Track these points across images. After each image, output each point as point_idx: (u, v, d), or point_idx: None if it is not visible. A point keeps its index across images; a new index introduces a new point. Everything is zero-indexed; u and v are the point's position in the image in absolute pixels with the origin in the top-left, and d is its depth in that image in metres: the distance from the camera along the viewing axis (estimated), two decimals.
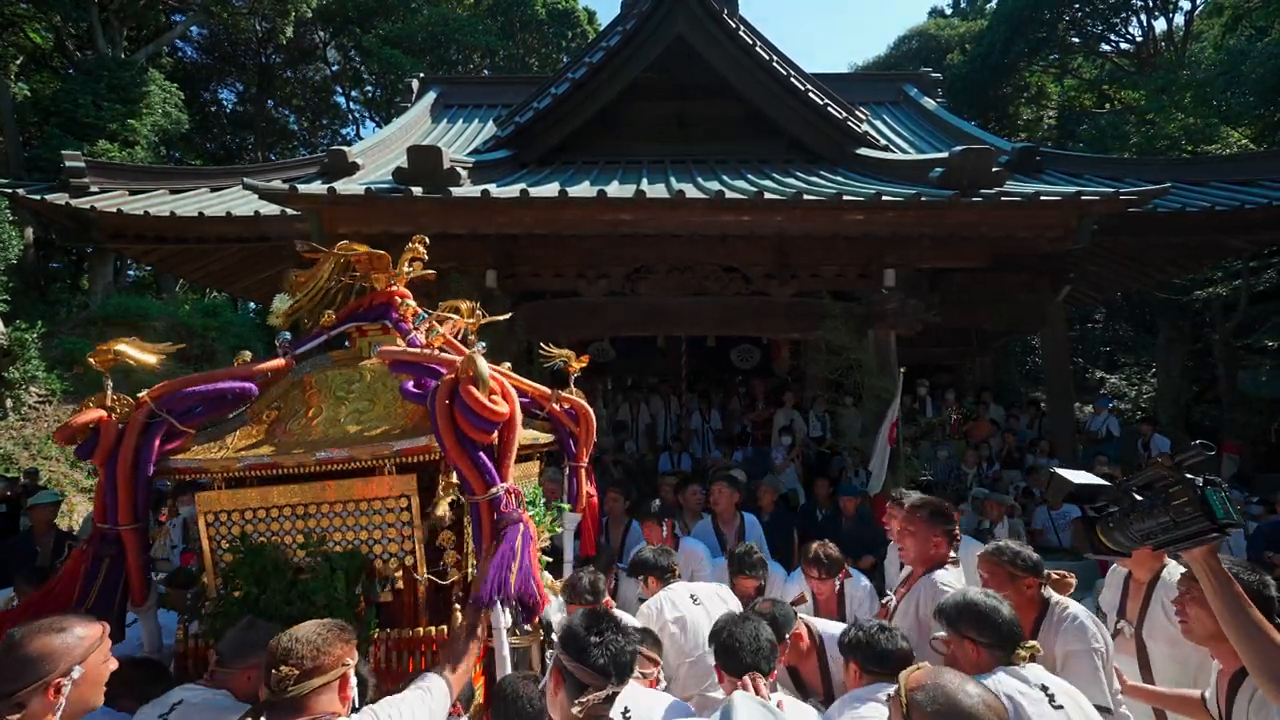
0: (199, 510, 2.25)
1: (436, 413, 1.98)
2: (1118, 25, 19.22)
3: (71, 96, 14.25)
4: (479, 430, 1.98)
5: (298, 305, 2.53)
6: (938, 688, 1.41)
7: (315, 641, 1.56)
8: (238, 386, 2.29)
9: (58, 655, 1.48)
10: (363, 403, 2.35)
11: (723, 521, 4.40)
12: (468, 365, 2.00)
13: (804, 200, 5.15)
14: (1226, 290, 12.23)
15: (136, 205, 6.97)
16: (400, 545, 2.18)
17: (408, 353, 2.22)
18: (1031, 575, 2.30)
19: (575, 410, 3.04)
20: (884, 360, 6.06)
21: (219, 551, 2.22)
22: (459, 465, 2.00)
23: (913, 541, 2.69)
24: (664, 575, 3.02)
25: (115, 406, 2.18)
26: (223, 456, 2.22)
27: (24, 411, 10.11)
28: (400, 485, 2.16)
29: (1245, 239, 7.43)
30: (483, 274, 6.29)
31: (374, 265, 2.54)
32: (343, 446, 2.15)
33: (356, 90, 25.46)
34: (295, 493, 2.19)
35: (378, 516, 2.18)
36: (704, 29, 7.65)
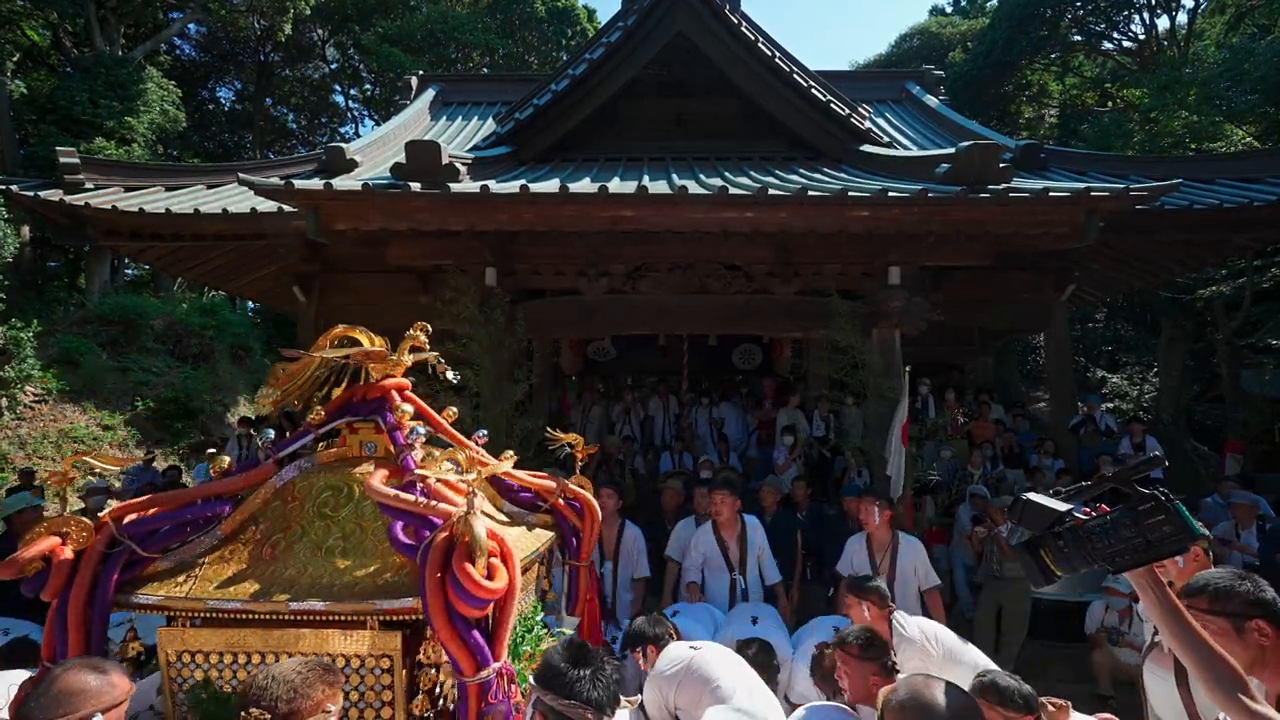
0: (160, 647, 2.02)
1: (426, 585, 1.79)
2: (1120, 23, 19.16)
3: (68, 94, 14.17)
4: (472, 607, 1.80)
5: (285, 397, 2.31)
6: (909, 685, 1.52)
7: (293, 681, 1.44)
8: (208, 512, 2.11)
9: (89, 696, 1.49)
10: (350, 526, 2.14)
11: (724, 529, 4.32)
12: (463, 531, 1.82)
13: (808, 196, 5.08)
14: (1229, 289, 12.18)
15: (132, 202, 6.90)
16: (377, 712, 1.95)
17: (398, 499, 2.01)
18: (1025, 714, 2.12)
19: (580, 503, 2.87)
20: (889, 360, 5.99)
21: (179, 695, 2.00)
22: (446, 644, 1.81)
23: (850, 684, 2.52)
24: (660, 642, 2.84)
25: (71, 531, 1.93)
26: (189, 594, 1.98)
27: (19, 411, 10.03)
28: (382, 644, 1.94)
29: (1250, 236, 7.37)
30: (482, 272, 6.22)
31: (370, 358, 2.32)
32: (322, 594, 1.94)
33: (355, 89, 25.41)
34: (266, 639, 1.97)
35: (355, 676, 1.95)
36: (705, 25, 7.58)
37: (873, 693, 2.42)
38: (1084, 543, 1.43)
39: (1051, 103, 22.06)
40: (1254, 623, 1.68)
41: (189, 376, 12.58)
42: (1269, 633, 1.66)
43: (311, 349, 2.31)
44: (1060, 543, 1.46)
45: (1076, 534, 1.44)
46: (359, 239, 5.67)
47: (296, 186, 5.05)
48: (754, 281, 6.55)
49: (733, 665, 2.56)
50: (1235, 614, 1.70)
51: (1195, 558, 2.36)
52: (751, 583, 4.28)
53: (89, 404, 10.80)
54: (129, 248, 7.63)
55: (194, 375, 12.74)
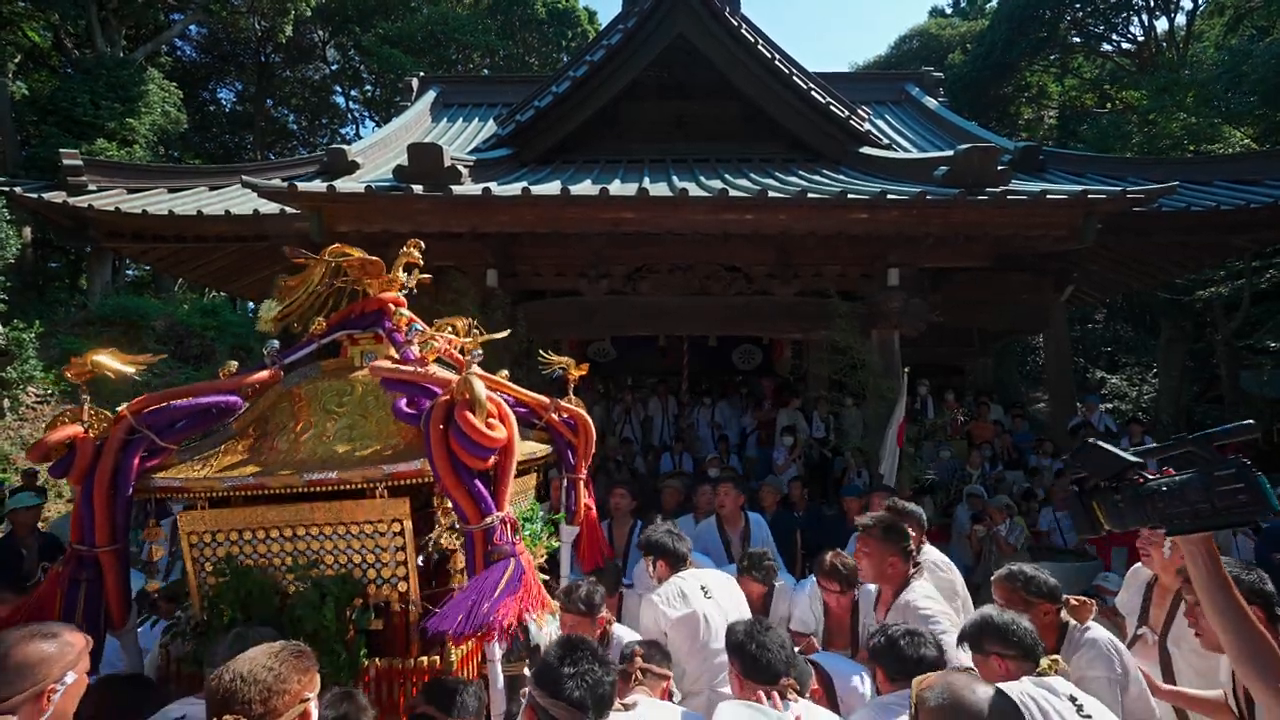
0: (181, 530, 2.13)
1: (431, 439, 1.90)
2: (1119, 25, 19.20)
3: (69, 95, 14.18)
4: (475, 457, 1.90)
5: (287, 311, 2.42)
6: (946, 685, 1.44)
7: (265, 680, 1.32)
8: (222, 400, 2.19)
9: (50, 661, 1.45)
10: (354, 417, 2.25)
11: (728, 524, 4.35)
12: (464, 388, 1.92)
13: (808, 199, 5.11)
14: (1228, 290, 12.20)
15: (134, 204, 6.93)
16: (393, 570, 2.09)
17: (401, 371, 2.12)
18: (1048, 601, 2.24)
19: (574, 420, 2.95)
20: (888, 361, 6.03)
21: (203, 574, 2.11)
22: (453, 494, 1.92)
23: (868, 563, 2.63)
24: (676, 561, 2.90)
25: (92, 422, 2.06)
26: (206, 476, 2.10)
27: (21, 412, 10.06)
28: (392, 509, 2.07)
29: (1248, 238, 7.40)
30: (483, 273, 6.25)
31: (367, 270, 2.44)
32: (332, 467, 2.06)
33: (356, 90, 25.43)
34: (283, 514, 2.10)
35: (369, 540, 2.09)
36: (705, 27, 7.62)
37: (888, 573, 2.61)
38: (1143, 501, 1.41)
39: (1050, 104, 22.09)
40: (1250, 608, 1.72)
41: (190, 377, 12.60)
42: (1262, 620, 1.72)
43: (314, 257, 2.42)
44: (1117, 497, 1.44)
45: (1137, 491, 1.41)
46: (361, 241, 5.68)
47: (300, 189, 5.09)
48: (754, 283, 6.58)
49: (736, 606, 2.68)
50: None
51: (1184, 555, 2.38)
52: None
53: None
54: (131, 249, 7.66)
55: (195, 376, 12.76)
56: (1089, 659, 2.13)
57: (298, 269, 2.48)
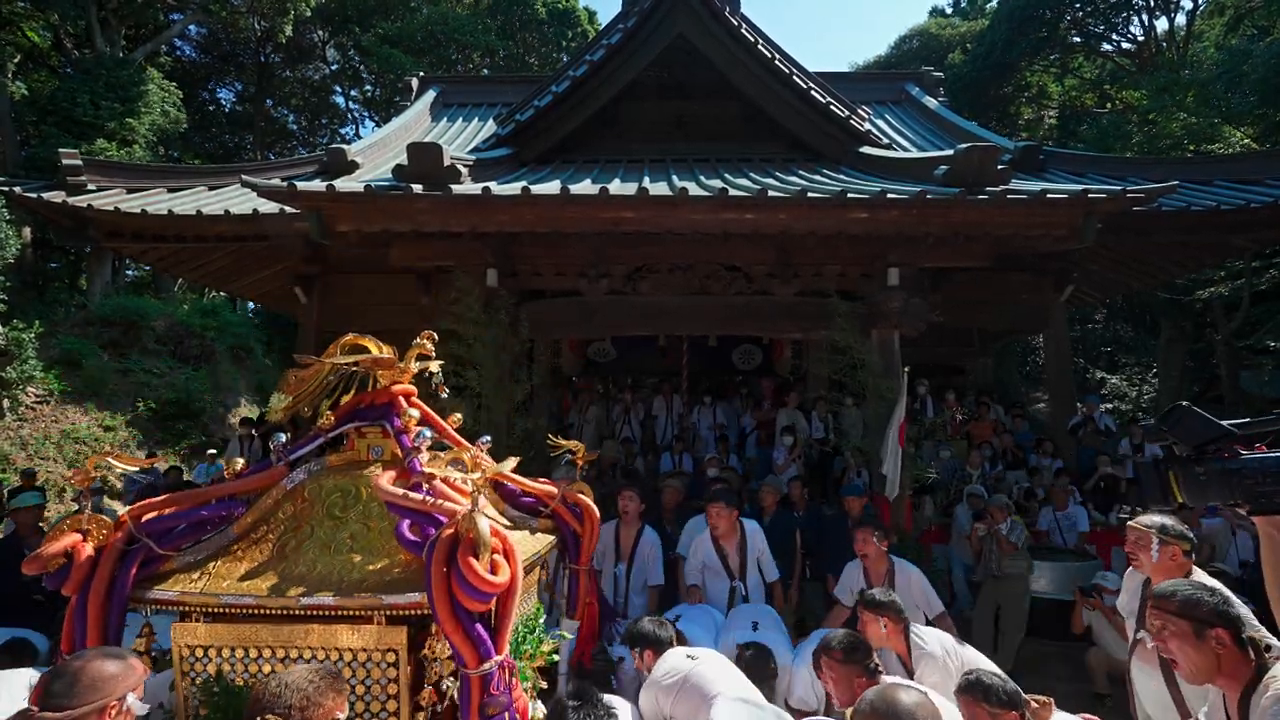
0: (174, 642, 2.10)
1: (432, 578, 1.86)
2: (1119, 25, 19.21)
3: (69, 95, 14.19)
4: (476, 601, 1.87)
5: (296, 402, 2.40)
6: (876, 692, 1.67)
7: (306, 690, 1.47)
8: (224, 511, 2.20)
9: (117, 680, 1.55)
10: (357, 525, 2.23)
11: (723, 539, 4.31)
12: (468, 527, 1.88)
13: (808, 198, 5.10)
14: (1228, 290, 12.21)
15: (133, 204, 6.92)
16: (383, 704, 2.02)
17: (407, 499, 2.10)
18: (1010, 710, 2.14)
19: (580, 509, 2.93)
20: (888, 360, 6.02)
21: (192, 689, 2.07)
22: (451, 637, 1.88)
23: (835, 689, 2.55)
24: (660, 646, 2.84)
25: (91, 529, 2.03)
26: (203, 590, 2.06)
27: (21, 412, 10.05)
28: (389, 638, 2.02)
29: (1249, 238, 7.40)
30: (483, 273, 6.24)
31: (378, 365, 2.41)
32: (333, 590, 2.02)
33: (356, 90, 25.43)
34: (276, 634, 2.05)
35: (361, 670, 2.03)
36: (705, 27, 7.61)
37: (858, 694, 2.49)
38: (1229, 476, 1.35)
39: (1050, 104, 22.10)
40: (1215, 631, 1.75)
41: (190, 377, 12.61)
42: (1227, 643, 1.74)
43: (323, 357, 2.40)
44: (1199, 469, 1.39)
45: (1225, 465, 1.36)
46: (361, 240, 5.69)
47: (299, 188, 5.07)
48: (754, 282, 6.57)
49: (730, 676, 2.58)
50: (1200, 620, 1.77)
51: (1173, 556, 2.37)
52: (752, 586, 4.28)
53: (90, 405, 10.83)
54: (131, 249, 7.65)
55: (195, 376, 12.76)
56: None
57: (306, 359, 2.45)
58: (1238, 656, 1.74)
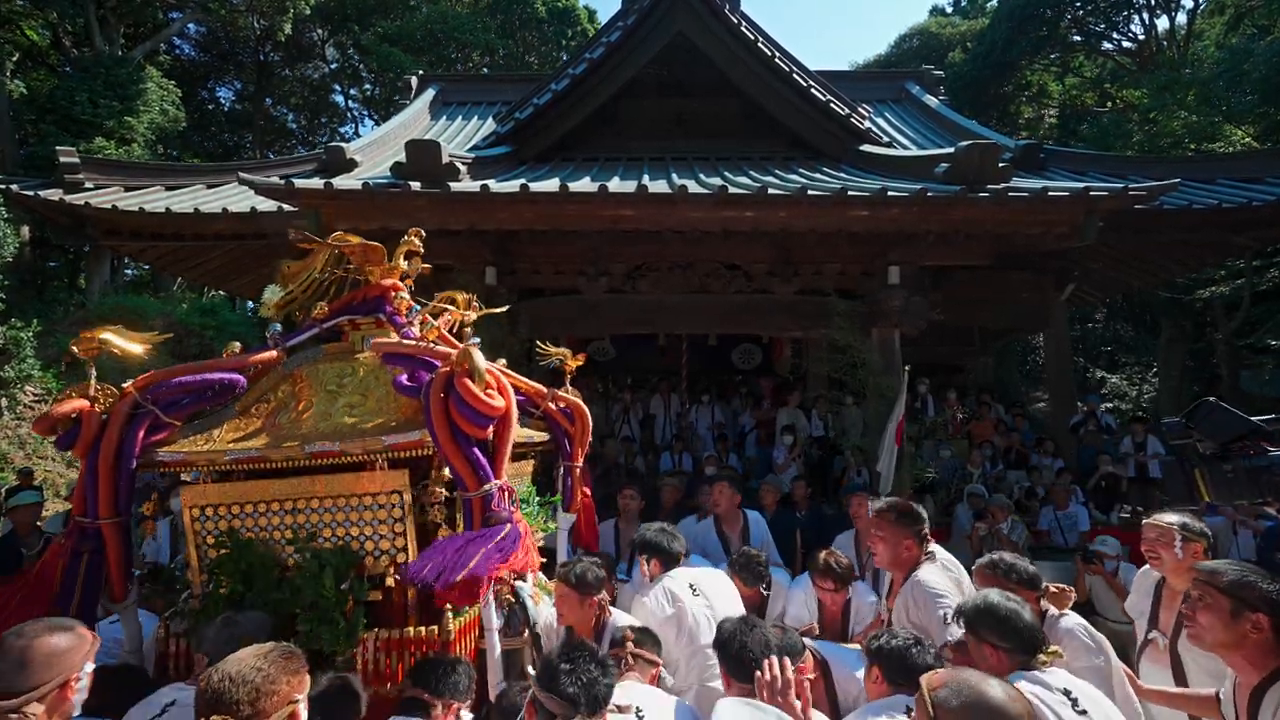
0: (184, 505, 2.19)
1: (430, 406, 1.94)
2: (1119, 24, 19.19)
3: (68, 94, 14.16)
4: (474, 425, 1.94)
5: (290, 296, 2.48)
6: (961, 682, 1.40)
7: (254, 681, 1.31)
8: (225, 378, 2.25)
9: (72, 652, 1.49)
10: (355, 396, 2.31)
11: (726, 523, 4.32)
12: (463, 359, 1.96)
13: (808, 196, 5.08)
14: (1228, 289, 12.20)
15: (131, 202, 6.90)
16: (391, 542, 2.13)
17: (402, 345, 2.18)
18: (1028, 589, 2.22)
19: (571, 409, 3.00)
20: (888, 359, 6.00)
21: (204, 547, 2.16)
22: (452, 461, 1.96)
23: (884, 547, 2.62)
24: (669, 560, 2.89)
25: (98, 396, 2.11)
26: (209, 449, 2.15)
27: (19, 411, 10.03)
28: (392, 481, 2.12)
29: (1250, 236, 7.37)
30: (482, 271, 6.23)
31: (368, 257, 2.49)
32: (333, 440, 2.10)
33: (355, 89, 25.39)
34: (284, 487, 2.14)
35: (368, 513, 2.13)
36: (705, 25, 7.59)
37: (902, 557, 2.59)
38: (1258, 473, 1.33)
39: (1051, 103, 22.07)
40: (1256, 615, 1.74)
41: None
42: (1264, 627, 1.73)
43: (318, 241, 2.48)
44: (1227, 468, 1.37)
45: (1253, 462, 1.34)
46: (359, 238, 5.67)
47: (297, 186, 5.06)
48: (754, 281, 6.56)
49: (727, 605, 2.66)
50: (1244, 600, 1.76)
51: (1194, 554, 2.36)
52: None
53: None
54: (129, 247, 7.64)
55: None
56: (1071, 650, 2.12)
57: (301, 255, 2.53)
58: (1270, 646, 1.74)
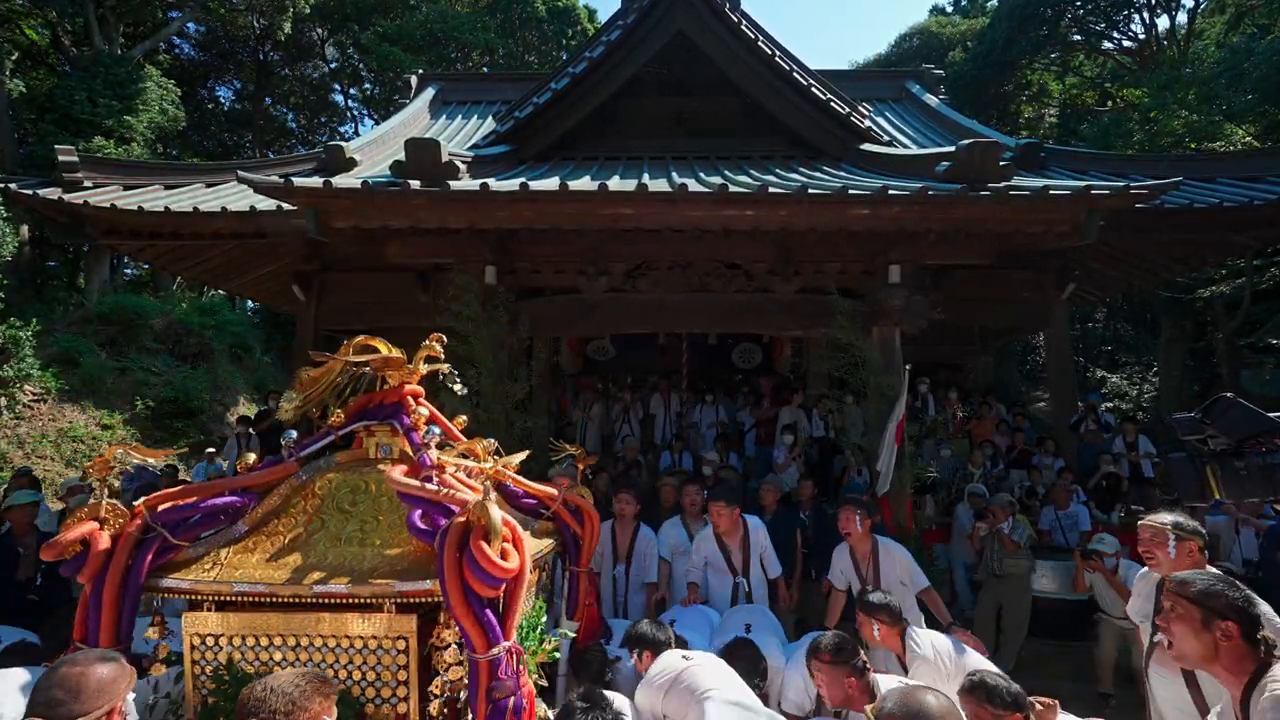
0: (185, 631, 2.13)
1: (444, 564, 1.90)
2: (1120, 23, 19.17)
3: (67, 93, 14.15)
4: (487, 586, 1.91)
5: (307, 401, 2.45)
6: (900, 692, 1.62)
7: (291, 694, 1.46)
8: (238, 502, 2.24)
9: (119, 681, 1.57)
10: (366, 518, 2.26)
11: (726, 536, 4.28)
12: (479, 514, 1.92)
13: (809, 195, 5.06)
14: (1229, 289, 12.18)
15: (130, 201, 6.88)
16: (393, 691, 2.06)
17: (419, 489, 2.14)
18: (1014, 711, 2.12)
19: (580, 510, 2.97)
20: (889, 358, 5.99)
21: (202, 677, 2.10)
22: (462, 622, 1.91)
23: (828, 691, 2.57)
24: (658, 649, 2.87)
25: (108, 517, 2.06)
26: (216, 578, 2.09)
27: (18, 410, 10.02)
28: (399, 626, 2.05)
29: (1252, 235, 7.36)
30: (481, 270, 6.20)
31: (388, 365, 2.45)
32: (345, 577, 2.04)
33: (355, 88, 25.38)
34: (287, 622, 2.08)
35: (372, 656, 2.06)
36: (705, 23, 7.57)
37: (850, 695, 2.52)
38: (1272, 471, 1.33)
39: (1051, 102, 22.07)
40: (1225, 623, 1.76)
41: (188, 376, 12.56)
42: (1234, 635, 1.75)
43: (335, 357, 2.45)
44: (1239, 464, 1.35)
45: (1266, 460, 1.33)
46: (358, 237, 5.66)
47: (296, 184, 5.03)
48: (754, 280, 6.54)
49: (723, 676, 2.61)
50: (1212, 610, 1.78)
51: (1189, 553, 2.35)
52: (755, 582, 4.26)
53: (88, 403, 10.79)
54: (128, 246, 7.62)
55: (193, 375, 12.72)
56: None
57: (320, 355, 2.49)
58: (1243, 651, 1.75)
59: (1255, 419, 1.33)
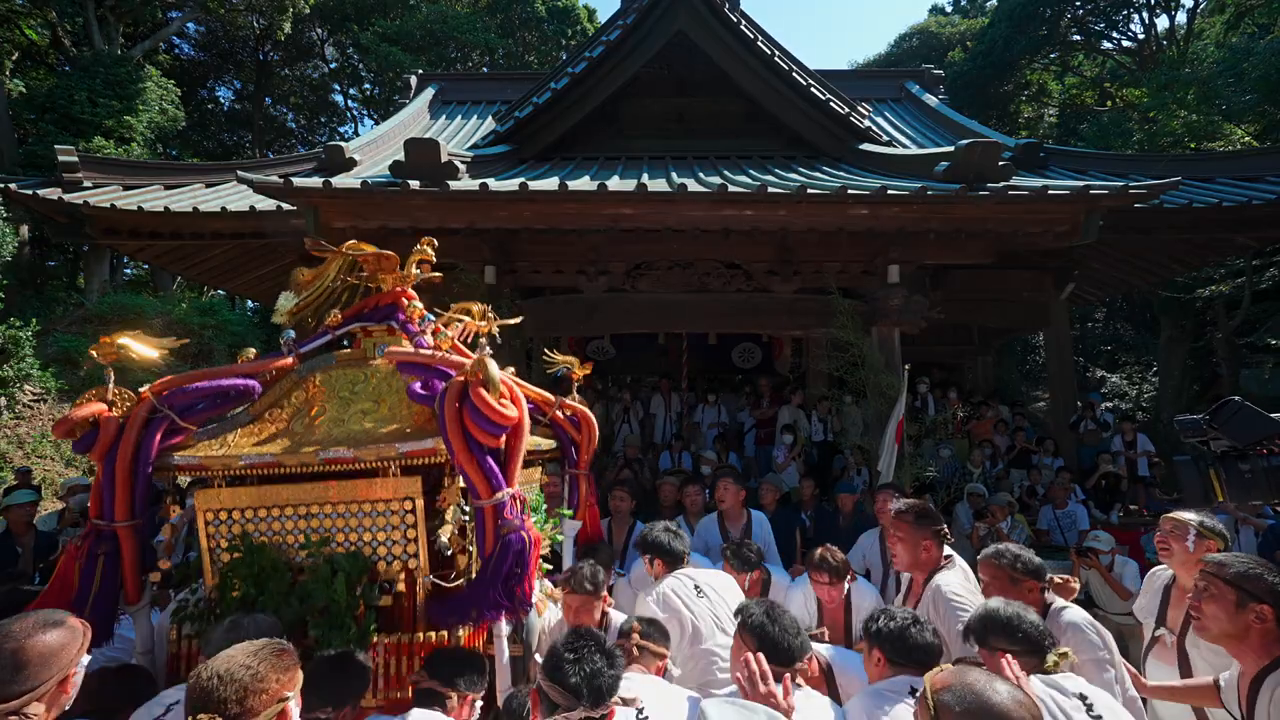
0: (198, 508, 2.20)
1: (445, 415, 1.95)
2: (1119, 23, 19.17)
3: (67, 92, 14.14)
4: (488, 434, 1.96)
5: (303, 304, 2.50)
6: (965, 686, 1.35)
7: (242, 679, 1.29)
8: (241, 384, 2.28)
9: (68, 648, 1.47)
10: (368, 403, 2.33)
11: (729, 519, 4.31)
12: (478, 368, 1.98)
13: (808, 194, 5.07)
14: (1229, 288, 12.18)
15: (130, 201, 6.88)
16: (404, 548, 2.15)
17: (416, 354, 2.20)
18: (1033, 579, 2.24)
19: (578, 417, 3.04)
20: (889, 357, 6.00)
21: (217, 550, 2.18)
22: (466, 469, 1.97)
23: (903, 548, 2.63)
24: (673, 560, 2.89)
25: (116, 401, 2.14)
26: (224, 454, 2.17)
27: (18, 410, 10.02)
28: (405, 487, 2.14)
29: (1251, 235, 7.37)
30: (481, 270, 6.21)
31: (381, 265, 2.51)
32: (347, 446, 2.12)
33: (355, 88, 25.36)
34: (297, 492, 2.16)
35: (381, 519, 2.15)
36: (705, 23, 7.57)
37: (921, 559, 2.58)
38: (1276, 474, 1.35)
39: (1051, 102, 22.06)
40: (1261, 606, 1.79)
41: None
42: (1268, 618, 1.78)
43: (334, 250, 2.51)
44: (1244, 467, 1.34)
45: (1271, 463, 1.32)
46: (358, 237, 5.64)
47: (295, 184, 5.04)
48: (754, 280, 6.55)
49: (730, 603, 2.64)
50: (1249, 592, 1.81)
51: (1208, 551, 2.36)
52: None
53: None
54: (128, 246, 7.61)
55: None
56: (1074, 643, 2.11)
57: (313, 261, 2.56)
58: (1273, 635, 1.78)
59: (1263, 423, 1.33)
